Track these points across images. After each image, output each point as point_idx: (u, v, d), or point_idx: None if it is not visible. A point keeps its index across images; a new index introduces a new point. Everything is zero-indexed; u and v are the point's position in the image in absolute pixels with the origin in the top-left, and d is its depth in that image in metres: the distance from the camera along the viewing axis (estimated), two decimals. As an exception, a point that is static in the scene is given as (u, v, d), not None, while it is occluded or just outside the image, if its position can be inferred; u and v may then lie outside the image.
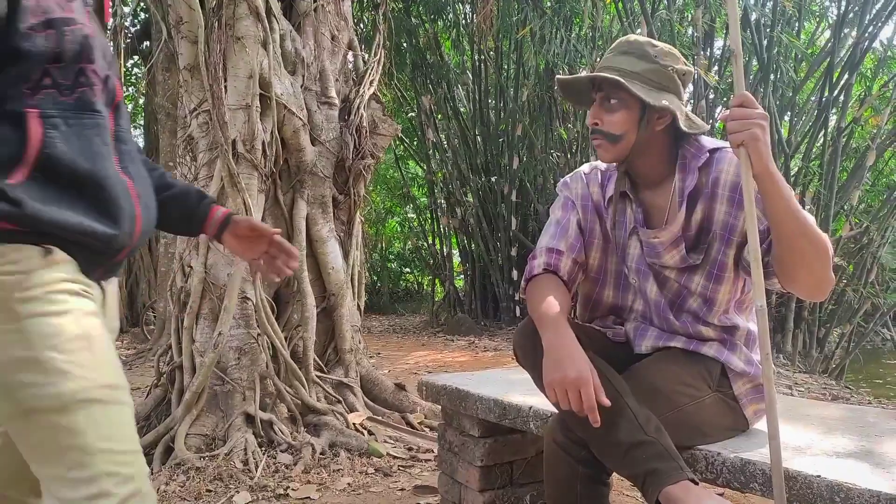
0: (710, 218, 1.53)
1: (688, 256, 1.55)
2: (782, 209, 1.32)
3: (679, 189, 1.55)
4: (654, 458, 1.32)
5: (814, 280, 1.39)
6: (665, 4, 5.96)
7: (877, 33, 5.74)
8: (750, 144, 1.28)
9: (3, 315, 0.99)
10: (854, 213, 6.06)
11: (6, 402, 1.00)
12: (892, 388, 6.09)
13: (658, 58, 1.52)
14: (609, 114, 1.51)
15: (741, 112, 1.29)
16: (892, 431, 1.58)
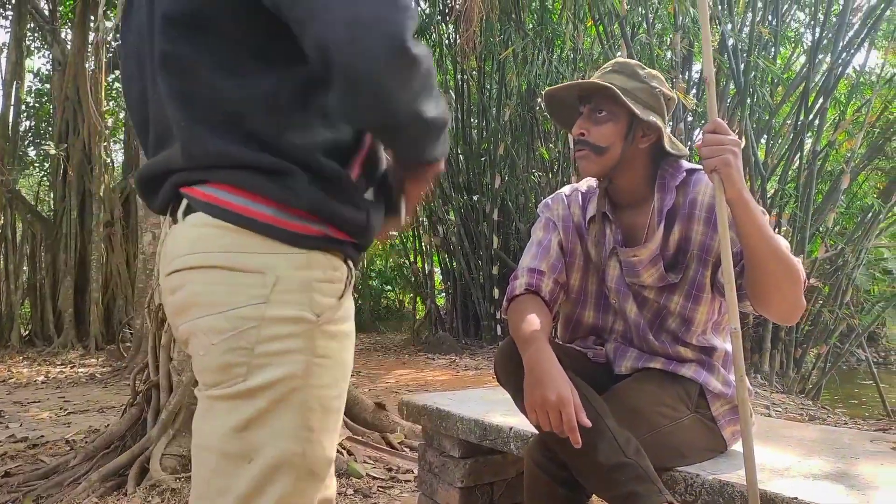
0: (687, 238, 1.56)
1: (666, 275, 1.57)
2: (755, 234, 1.34)
3: (658, 209, 1.57)
4: (634, 480, 1.33)
5: (786, 304, 1.41)
6: (644, 28, 6.06)
7: (850, 59, 5.87)
8: (722, 170, 1.31)
9: (311, 343, 0.90)
10: (829, 235, 6.16)
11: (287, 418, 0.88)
12: (867, 408, 6.16)
13: (647, 79, 1.55)
14: (597, 125, 1.53)
15: (714, 138, 1.32)
16: (868, 453, 1.60)
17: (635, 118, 1.52)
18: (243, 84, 0.88)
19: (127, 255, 10.69)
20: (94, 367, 7.90)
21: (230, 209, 0.88)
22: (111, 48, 10.46)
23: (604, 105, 1.53)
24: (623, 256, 1.61)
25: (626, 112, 1.52)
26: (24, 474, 3.03)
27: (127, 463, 2.85)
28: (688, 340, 1.61)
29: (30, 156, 13.14)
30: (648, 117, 1.50)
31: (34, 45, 12.97)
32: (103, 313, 10.30)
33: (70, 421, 4.55)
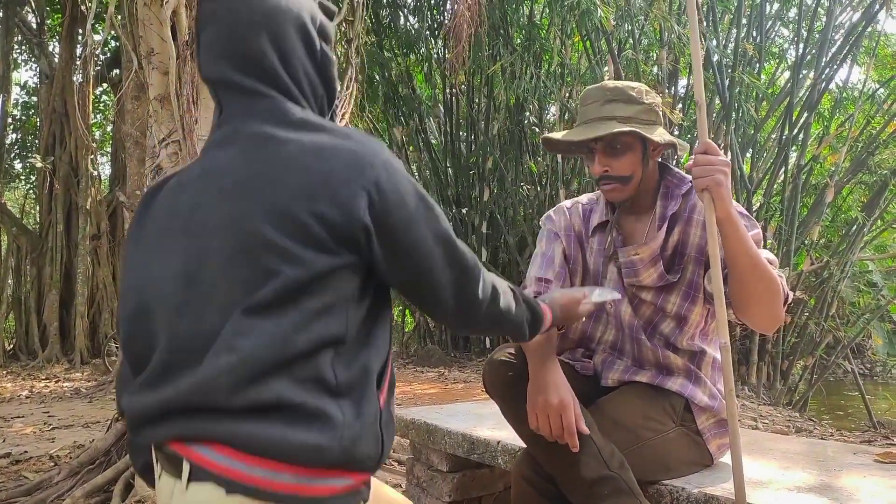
0: (684, 241, 1.61)
1: (666, 274, 1.61)
2: (740, 250, 1.39)
3: (661, 214, 1.63)
4: (616, 493, 1.34)
5: (766, 315, 1.47)
6: (631, 44, 6.13)
7: (833, 75, 5.97)
8: (714, 190, 1.35)
9: None
10: (815, 248, 6.22)
11: None
12: (853, 420, 6.20)
13: (642, 98, 1.60)
14: (616, 159, 1.58)
15: (705, 159, 1.37)
16: (851, 465, 1.62)
17: (648, 141, 1.58)
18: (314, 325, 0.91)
19: (113, 268, 10.63)
20: (79, 382, 7.83)
21: (249, 484, 0.86)
22: (98, 62, 10.44)
23: (617, 140, 1.58)
24: (623, 256, 1.65)
25: (639, 140, 1.58)
26: (6, 491, 2.99)
27: (112, 479, 2.82)
28: (679, 345, 1.63)
29: (16, 168, 13.08)
30: (663, 138, 1.57)
31: (21, 57, 12.93)
32: (89, 327, 10.22)
33: (54, 436, 4.50)
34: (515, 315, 1.16)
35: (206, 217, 0.95)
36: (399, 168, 0.99)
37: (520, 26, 7.41)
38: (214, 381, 0.86)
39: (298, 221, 0.91)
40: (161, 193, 1.04)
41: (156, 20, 3.03)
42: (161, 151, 3.25)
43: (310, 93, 1.06)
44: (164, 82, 3.15)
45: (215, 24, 1.04)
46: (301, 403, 0.87)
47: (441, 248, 1.01)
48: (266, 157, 0.95)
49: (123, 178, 8.54)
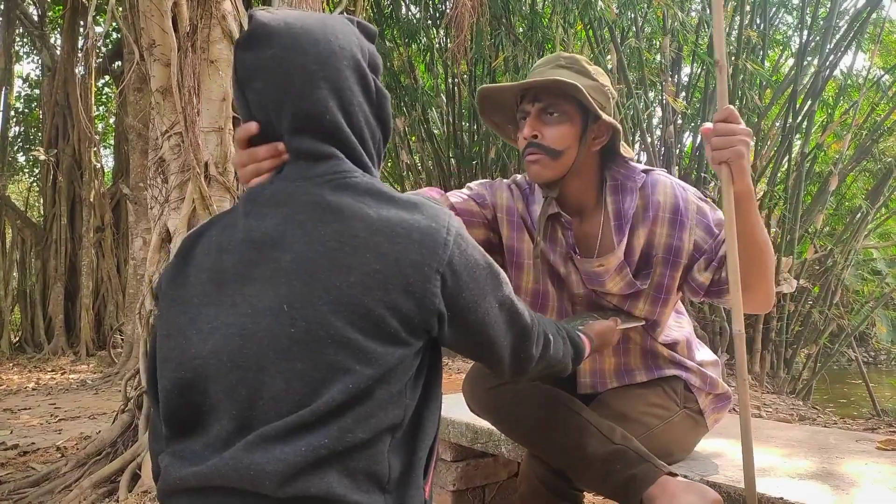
0: (651, 242, 1.48)
1: (634, 281, 1.50)
2: (758, 225, 1.32)
3: (614, 211, 1.48)
4: (629, 464, 1.32)
5: (766, 294, 1.41)
6: (634, 32, 6.09)
7: (837, 62, 5.92)
8: (734, 162, 1.21)
9: None
10: (818, 237, 6.20)
11: None
12: (856, 408, 6.21)
13: (595, 75, 1.46)
14: (550, 127, 1.41)
15: (726, 128, 1.22)
16: (853, 452, 1.62)
17: (590, 118, 1.42)
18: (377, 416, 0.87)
19: (117, 260, 10.66)
20: (85, 374, 7.87)
21: None
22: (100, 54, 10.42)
23: (556, 104, 1.41)
24: (584, 266, 1.51)
25: (579, 112, 1.41)
26: (14, 482, 3.02)
27: (119, 469, 2.84)
28: (655, 339, 1.60)
29: (19, 161, 13.10)
30: (606, 116, 1.41)
31: (23, 50, 12.92)
32: (94, 319, 10.27)
33: (61, 428, 4.53)
34: (563, 359, 1.18)
35: (256, 294, 0.87)
36: (467, 238, 0.94)
37: (522, 15, 7.37)
38: (265, 469, 0.81)
39: (371, 315, 0.85)
40: (200, 246, 0.95)
41: (157, 12, 3.02)
42: (164, 143, 3.25)
43: (370, 140, 0.99)
44: (166, 74, 3.15)
45: (264, 77, 0.93)
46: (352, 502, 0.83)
47: (504, 314, 0.99)
48: (331, 236, 0.87)
49: (127, 171, 8.55)
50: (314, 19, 0.96)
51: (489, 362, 1.04)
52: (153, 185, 3.39)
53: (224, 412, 0.86)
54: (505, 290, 0.99)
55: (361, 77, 0.97)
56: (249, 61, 0.94)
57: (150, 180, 3.44)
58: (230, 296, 0.89)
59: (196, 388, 0.88)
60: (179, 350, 0.90)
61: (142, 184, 6.68)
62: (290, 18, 0.95)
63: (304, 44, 0.92)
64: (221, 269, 0.91)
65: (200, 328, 0.89)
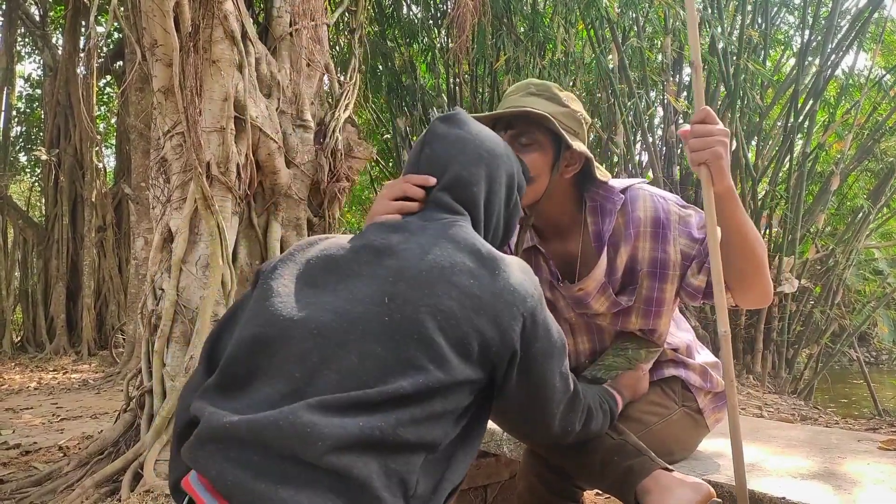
0: (634, 258, 1.48)
1: (618, 300, 1.50)
2: (744, 224, 1.32)
3: (594, 233, 1.49)
4: (625, 457, 1.33)
5: (761, 291, 1.41)
6: (635, 32, 6.09)
7: (839, 62, 5.92)
8: (713, 163, 1.23)
9: None
10: (820, 236, 6.20)
11: None
12: (857, 408, 6.20)
13: (567, 101, 1.46)
14: (522, 155, 1.39)
15: (703, 129, 1.23)
16: (854, 452, 1.62)
17: (562, 146, 1.42)
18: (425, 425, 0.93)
19: (119, 260, 10.67)
20: (87, 373, 7.88)
21: None
22: (102, 54, 10.43)
23: (528, 132, 1.42)
24: (566, 292, 1.52)
25: (550, 140, 1.42)
26: (17, 481, 3.02)
27: (121, 469, 2.85)
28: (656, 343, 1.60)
29: (21, 161, 13.10)
30: (579, 146, 1.41)
31: (25, 50, 12.94)
32: (96, 319, 10.27)
33: (63, 427, 4.53)
34: (599, 431, 1.29)
35: (360, 284, 0.98)
36: (546, 306, 1.08)
37: (523, 15, 7.37)
38: (322, 431, 0.85)
39: (460, 329, 0.95)
40: (314, 247, 1.08)
41: (159, 12, 3.02)
42: (166, 143, 3.26)
43: (493, 229, 1.19)
44: (168, 74, 3.15)
45: (443, 142, 1.17)
46: (379, 498, 0.86)
47: (562, 383, 1.10)
48: (444, 257, 1.00)
49: (128, 171, 8.55)
50: (497, 137, 1.25)
51: (538, 426, 1.14)
52: (155, 184, 3.39)
53: (285, 374, 0.92)
54: (567, 362, 1.12)
55: (510, 185, 1.22)
56: (441, 130, 1.19)
57: (152, 180, 3.44)
58: (335, 283, 1.00)
59: (270, 347, 0.95)
60: (271, 311, 0.98)
61: (143, 184, 6.68)
62: (482, 125, 1.25)
63: (484, 138, 1.20)
64: (333, 261, 1.03)
65: (299, 300, 0.99)
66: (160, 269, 3.23)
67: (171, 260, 3.12)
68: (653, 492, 1.25)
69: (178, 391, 2.93)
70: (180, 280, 3.11)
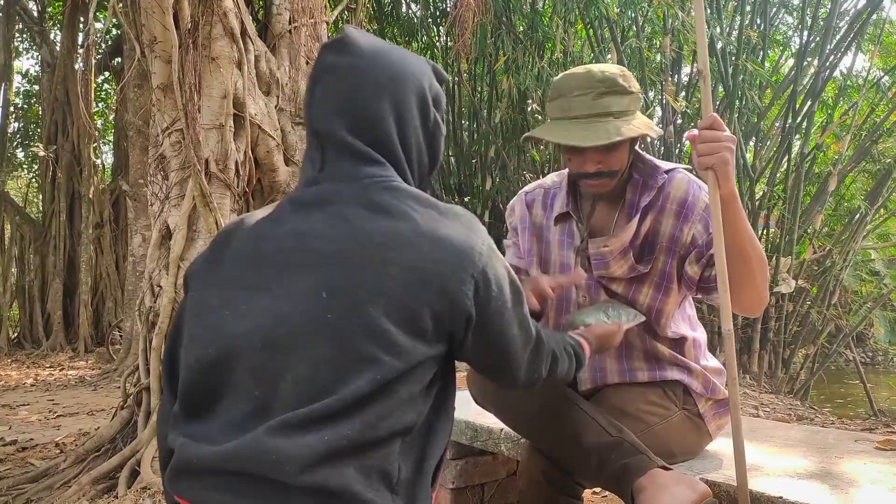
0: (656, 231, 1.55)
1: (636, 265, 1.56)
2: (743, 230, 1.36)
3: (630, 201, 1.57)
4: (623, 455, 1.34)
5: (757, 296, 1.45)
6: (634, 32, 6.10)
7: (837, 63, 5.93)
8: (720, 168, 1.27)
9: None
10: (817, 237, 6.21)
11: None
12: (853, 408, 6.22)
13: (630, 87, 1.51)
14: (611, 156, 1.49)
15: (711, 135, 1.28)
16: (851, 452, 1.63)
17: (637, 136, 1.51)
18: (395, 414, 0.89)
19: (116, 257, 10.65)
20: (84, 370, 7.87)
21: None
22: (100, 50, 10.41)
23: None
24: (592, 248, 1.59)
25: None
26: (13, 478, 3.02)
27: (118, 466, 2.85)
28: (660, 333, 1.61)
29: (18, 157, 13.08)
30: (655, 130, 1.51)
31: (23, 46, 12.91)
32: (92, 316, 10.26)
33: (60, 424, 4.53)
34: (566, 376, 1.22)
35: (294, 279, 0.91)
36: (498, 253, 1.00)
37: (522, 14, 7.37)
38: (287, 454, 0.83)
39: (408, 309, 0.89)
40: (237, 235, 0.99)
41: (158, 8, 3.02)
42: (164, 140, 3.25)
43: (416, 162, 1.06)
44: (167, 71, 3.15)
45: (337, 77, 1.00)
46: (366, 501, 0.85)
47: (523, 333, 1.04)
48: (377, 231, 0.91)
49: (126, 167, 8.54)
50: (395, 48, 1.06)
51: (504, 377, 1.08)
52: (153, 181, 3.38)
53: (244, 394, 0.88)
54: (525, 308, 1.05)
55: (423, 105, 1.05)
56: (329, 61, 1.02)
57: (151, 177, 3.44)
58: (267, 280, 0.92)
59: (220, 368, 0.90)
60: (211, 328, 0.93)
61: (141, 180, 6.67)
62: (375, 40, 1.05)
63: (381, 61, 1.01)
64: (260, 256, 0.95)
65: (235, 309, 0.92)
66: (158, 266, 3.23)
67: (169, 257, 3.11)
68: (648, 489, 1.26)
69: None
70: (178, 277, 3.11)
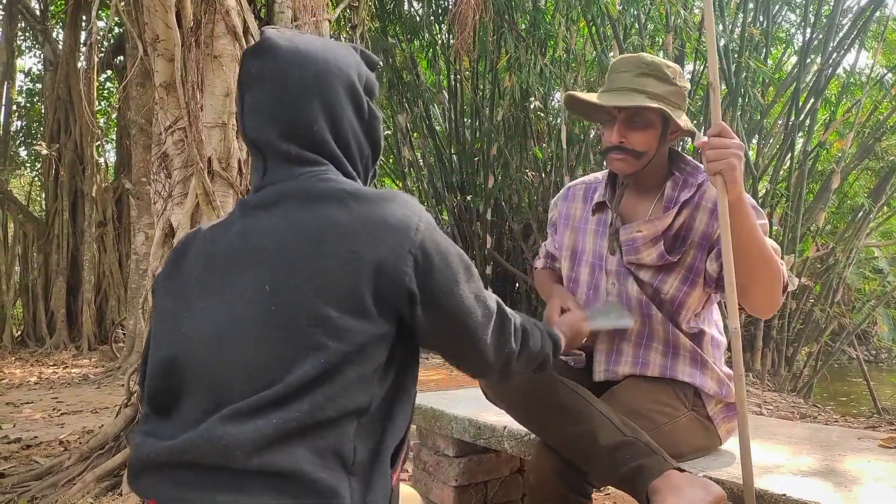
0: (689, 226, 1.60)
1: (665, 255, 1.60)
2: (749, 235, 1.39)
3: (669, 196, 1.63)
4: (638, 455, 1.34)
5: (765, 299, 1.48)
6: (637, 29, 6.09)
7: (840, 60, 5.92)
8: (727, 174, 1.32)
9: None
10: (820, 235, 6.21)
11: None
12: (856, 406, 6.22)
13: (675, 79, 1.58)
14: (635, 132, 1.57)
15: (719, 142, 1.33)
16: (855, 450, 1.63)
17: (670, 123, 1.58)
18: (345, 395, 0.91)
19: (119, 255, 10.67)
20: (87, 368, 7.89)
21: None
22: (103, 48, 10.41)
23: (639, 114, 1.57)
24: (625, 232, 1.65)
25: (660, 116, 1.57)
26: (18, 475, 3.03)
27: (121, 464, 2.85)
28: (680, 326, 1.63)
29: (21, 156, 13.10)
30: (687, 123, 1.55)
31: (25, 44, 12.92)
32: (96, 314, 10.28)
33: (63, 422, 4.54)
34: (543, 349, 1.21)
35: (242, 279, 0.94)
36: (438, 229, 1.02)
37: (524, 12, 7.36)
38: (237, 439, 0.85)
39: (348, 291, 0.91)
40: (196, 243, 1.02)
41: (160, 7, 3.02)
42: (167, 138, 3.25)
43: (357, 155, 1.07)
44: (170, 69, 3.15)
45: (263, 85, 1.01)
46: (316, 480, 0.86)
47: (480, 306, 1.02)
48: (312, 222, 0.94)
49: (129, 166, 8.55)
50: (318, 42, 1.05)
51: (473, 359, 1.08)
52: (156, 180, 3.39)
53: (201, 393, 0.91)
54: (478, 283, 1.04)
55: (355, 97, 1.05)
56: (254, 69, 1.02)
57: (153, 175, 3.44)
58: (220, 282, 0.95)
59: (178, 369, 0.94)
60: (169, 332, 0.97)
61: (144, 178, 6.68)
62: (296, 38, 1.04)
63: (304, 61, 1.01)
64: (213, 259, 0.98)
65: (192, 312, 0.96)
66: (161, 265, 3.23)
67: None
68: (663, 491, 1.27)
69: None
70: (181, 275, 3.11)
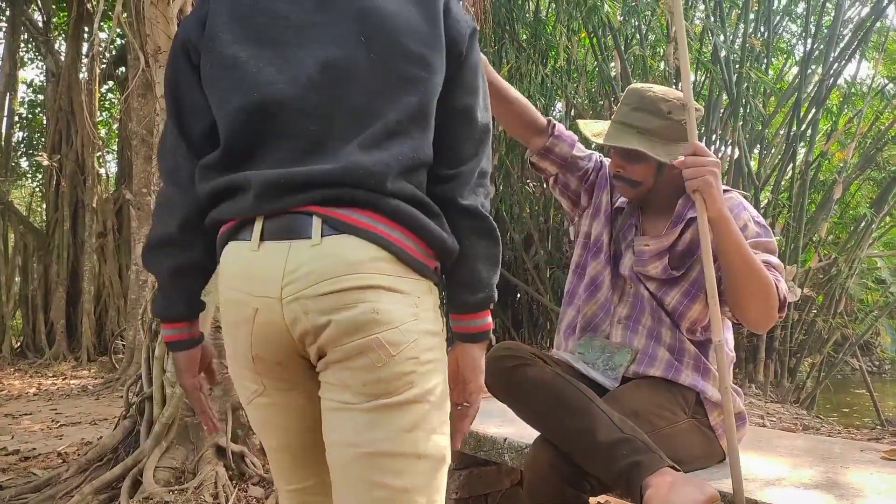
0: (696, 242, 1.62)
1: (669, 269, 1.65)
2: (733, 251, 1.42)
3: (678, 213, 1.68)
4: (634, 452, 1.37)
5: (756, 314, 1.51)
6: (638, 40, 6.10)
7: (841, 70, 5.93)
8: (704, 190, 1.39)
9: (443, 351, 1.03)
10: (823, 245, 6.19)
11: None
12: (860, 417, 6.18)
13: (672, 113, 1.61)
14: (629, 164, 1.66)
15: (695, 160, 1.41)
16: (858, 462, 1.61)
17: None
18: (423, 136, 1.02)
19: (119, 266, 10.66)
20: (86, 379, 7.87)
21: (390, 241, 0.95)
22: (105, 60, 10.46)
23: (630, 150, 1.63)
24: (637, 244, 1.72)
25: None
26: (16, 487, 3.01)
27: (120, 476, 2.84)
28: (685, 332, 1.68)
29: (22, 167, 13.12)
30: (675, 156, 1.57)
31: (28, 56, 12.97)
32: (95, 325, 10.26)
33: (62, 433, 4.52)
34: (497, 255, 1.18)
35: (324, 32, 0.98)
36: None
37: (525, 23, 7.39)
38: (367, 169, 0.94)
39: (431, 35, 1.01)
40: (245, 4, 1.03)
41: (162, 18, 3.03)
42: (167, 149, 3.25)
43: None
44: (171, 80, 3.15)
45: None
46: (428, 203, 0.99)
47: (483, 115, 1.09)
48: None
49: (130, 176, 8.56)
50: None
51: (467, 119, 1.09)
52: (157, 190, 3.39)
53: (296, 132, 0.96)
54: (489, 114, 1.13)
55: None
56: None
57: (154, 186, 3.44)
58: (297, 38, 0.99)
59: (267, 112, 0.96)
60: (250, 78, 0.97)
61: (145, 189, 6.68)
62: None
63: None
64: (282, 18, 0.99)
65: (272, 60, 0.98)
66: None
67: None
68: (656, 486, 1.29)
69: (179, 398, 2.91)
70: (181, 286, 3.09)
